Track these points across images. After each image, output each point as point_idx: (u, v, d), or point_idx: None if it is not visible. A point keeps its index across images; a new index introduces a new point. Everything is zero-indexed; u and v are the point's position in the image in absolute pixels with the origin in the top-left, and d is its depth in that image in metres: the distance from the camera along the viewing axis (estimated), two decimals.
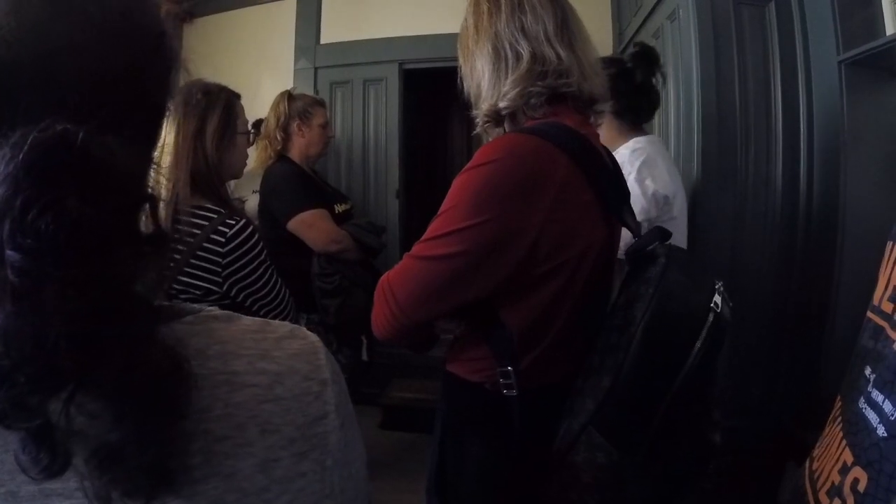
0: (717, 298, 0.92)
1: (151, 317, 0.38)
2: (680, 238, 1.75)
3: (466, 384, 1.12)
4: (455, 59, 1.19)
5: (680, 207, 1.75)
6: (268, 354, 0.47)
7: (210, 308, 0.50)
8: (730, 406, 1.00)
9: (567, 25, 1.07)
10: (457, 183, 1.00)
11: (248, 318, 0.50)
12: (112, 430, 0.36)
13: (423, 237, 1.01)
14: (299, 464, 0.46)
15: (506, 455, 1.09)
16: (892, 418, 0.66)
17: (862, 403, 0.73)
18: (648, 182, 1.65)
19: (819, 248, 2.00)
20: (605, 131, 1.74)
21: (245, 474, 0.43)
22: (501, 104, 1.06)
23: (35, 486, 0.38)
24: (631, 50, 1.79)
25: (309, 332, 0.52)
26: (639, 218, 1.55)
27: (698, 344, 0.88)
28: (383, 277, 1.06)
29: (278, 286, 1.66)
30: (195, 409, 0.41)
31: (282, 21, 3.88)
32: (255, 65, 3.89)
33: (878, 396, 0.69)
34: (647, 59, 1.75)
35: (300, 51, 3.85)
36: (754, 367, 2.13)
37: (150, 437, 0.37)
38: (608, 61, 1.77)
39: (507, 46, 1.05)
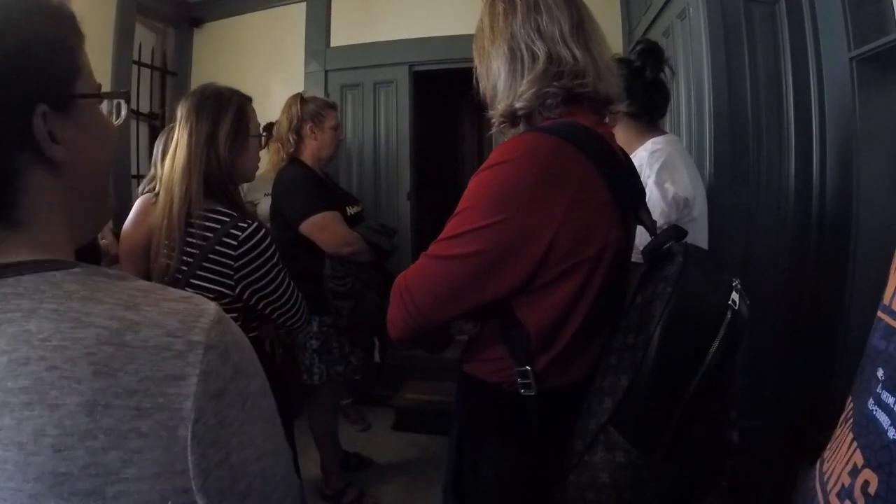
0: (735, 296, 0.92)
1: None
2: (701, 238, 1.73)
3: (483, 385, 1.12)
4: (464, 60, 1.18)
5: (700, 208, 1.73)
6: (136, 307, 0.47)
7: (121, 272, 0.52)
8: (742, 405, 0.99)
9: (583, 26, 1.07)
10: (474, 182, 1.00)
11: (146, 281, 0.52)
12: None
13: (440, 237, 1.01)
14: (137, 420, 0.45)
15: (523, 455, 1.09)
16: None
17: (872, 405, 0.72)
18: (668, 185, 1.64)
19: (832, 246, 1.99)
20: (623, 134, 1.74)
21: (69, 410, 0.43)
22: (518, 105, 1.05)
23: None
24: (636, 48, 1.78)
25: (210, 303, 0.52)
26: (659, 222, 1.54)
27: (717, 342, 0.88)
28: (399, 277, 1.06)
29: (290, 289, 1.66)
30: (36, 337, 0.44)
31: (292, 25, 3.90)
32: (265, 68, 3.92)
33: (889, 398, 0.68)
34: (654, 55, 1.74)
35: (310, 54, 3.87)
36: (767, 366, 2.11)
37: None
38: (616, 63, 1.77)
39: (523, 47, 1.05)
